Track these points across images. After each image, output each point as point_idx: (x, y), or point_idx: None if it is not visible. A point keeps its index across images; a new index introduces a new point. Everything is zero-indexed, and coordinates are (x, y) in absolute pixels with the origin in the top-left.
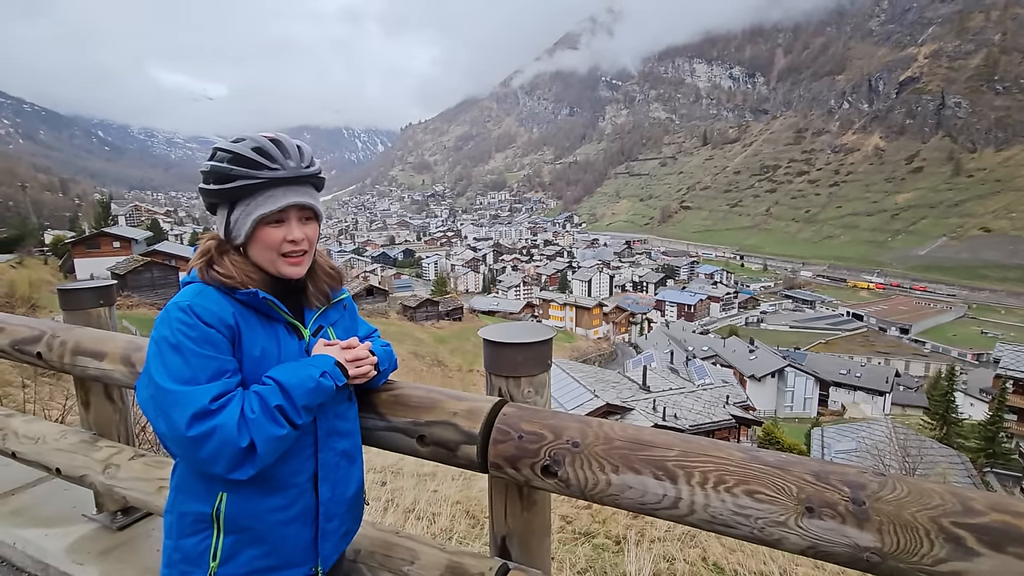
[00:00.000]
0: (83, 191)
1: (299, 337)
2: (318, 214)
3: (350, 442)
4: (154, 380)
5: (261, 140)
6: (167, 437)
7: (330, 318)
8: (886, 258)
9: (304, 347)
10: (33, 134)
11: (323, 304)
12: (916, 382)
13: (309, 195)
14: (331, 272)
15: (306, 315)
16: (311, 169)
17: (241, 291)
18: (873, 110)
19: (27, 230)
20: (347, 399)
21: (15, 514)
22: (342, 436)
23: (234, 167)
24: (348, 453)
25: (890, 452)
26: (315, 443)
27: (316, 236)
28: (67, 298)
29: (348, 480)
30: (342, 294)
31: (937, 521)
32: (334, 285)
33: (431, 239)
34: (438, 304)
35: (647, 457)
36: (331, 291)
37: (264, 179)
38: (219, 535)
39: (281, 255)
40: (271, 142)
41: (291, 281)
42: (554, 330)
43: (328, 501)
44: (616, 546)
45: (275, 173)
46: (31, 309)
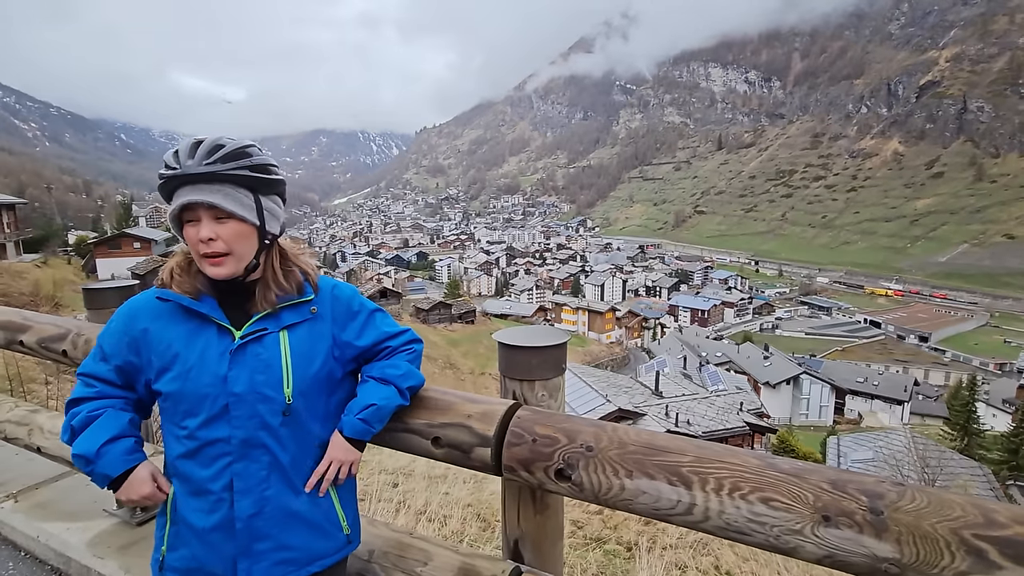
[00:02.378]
0: (106, 193)
1: (232, 338)
2: (232, 212)
3: (290, 456)
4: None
5: (183, 142)
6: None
7: (283, 320)
8: (905, 265)
9: (231, 348)
10: (59, 137)
11: (268, 306)
12: (936, 391)
13: (219, 194)
14: (286, 272)
15: (253, 317)
16: (211, 167)
17: (160, 291)
18: (892, 114)
19: (52, 230)
20: (281, 414)
21: (39, 507)
22: (274, 450)
23: (160, 171)
24: (284, 467)
25: (908, 462)
26: (232, 451)
27: (239, 236)
28: (92, 297)
29: (287, 498)
30: (306, 296)
31: (958, 533)
32: (287, 287)
33: (444, 242)
34: (451, 307)
35: (661, 462)
36: (284, 293)
37: (167, 178)
38: (167, 523)
39: (201, 256)
40: (190, 143)
41: (238, 282)
42: (568, 334)
43: (251, 517)
44: (627, 552)
45: (173, 172)
46: (55, 307)
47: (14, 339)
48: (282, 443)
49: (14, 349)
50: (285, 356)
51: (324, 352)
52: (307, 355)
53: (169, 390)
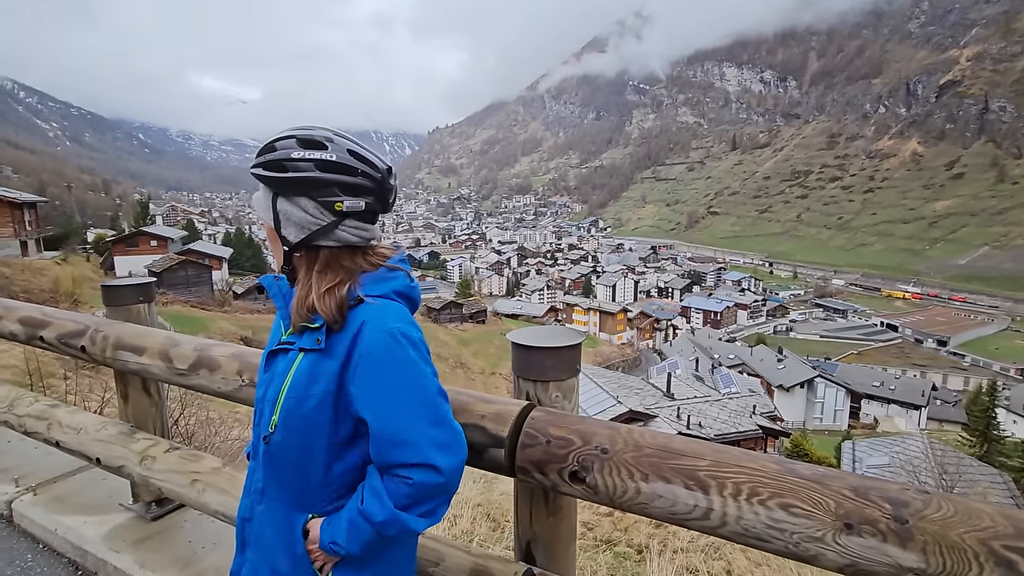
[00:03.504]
0: (124, 191)
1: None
2: (260, 216)
3: (272, 486)
4: None
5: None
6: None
7: (303, 340)
8: (923, 267)
9: (268, 350)
10: (79, 137)
11: (292, 324)
12: (954, 396)
13: (256, 195)
14: (327, 291)
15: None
16: (253, 168)
17: (265, 277)
18: (911, 114)
19: (72, 228)
20: (263, 442)
21: (57, 501)
22: (265, 468)
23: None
24: (267, 492)
25: (926, 469)
26: (252, 448)
27: (270, 238)
28: (109, 294)
29: (269, 525)
30: (315, 322)
31: (987, 544)
32: (310, 308)
33: (456, 242)
34: (462, 306)
35: (677, 466)
36: (306, 314)
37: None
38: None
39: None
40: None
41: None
42: (583, 335)
43: (244, 520)
44: (638, 555)
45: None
46: (73, 304)
47: (35, 335)
48: (269, 463)
49: (34, 344)
50: (287, 381)
51: (320, 395)
52: (302, 389)
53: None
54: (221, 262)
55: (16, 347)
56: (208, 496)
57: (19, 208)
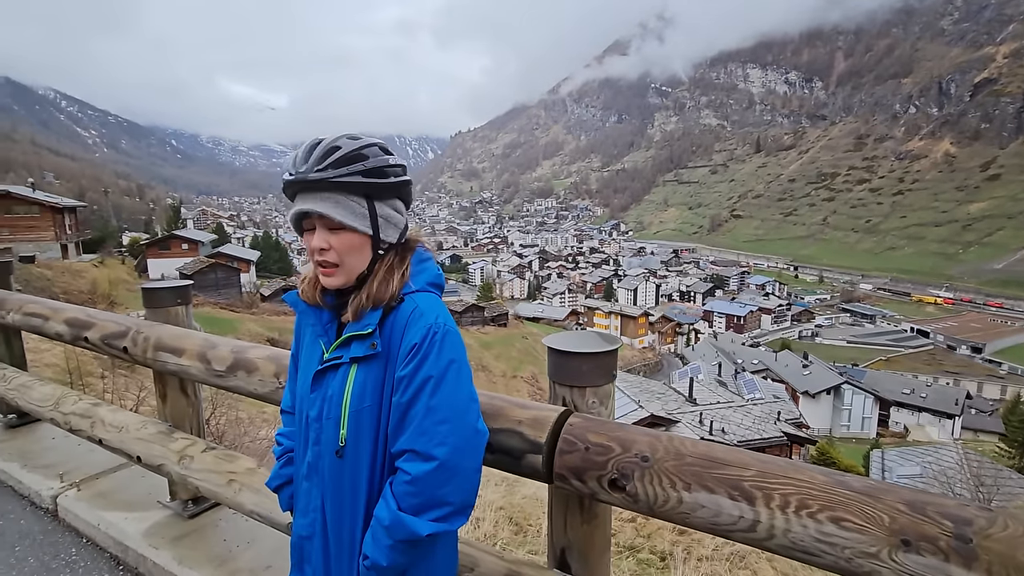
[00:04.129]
0: (157, 196)
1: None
2: (344, 224)
3: (339, 495)
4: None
5: (305, 144)
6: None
7: (351, 351)
8: (956, 271)
9: (315, 370)
10: (116, 143)
11: (352, 316)
12: (990, 405)
13: (330, 202)
14: (366, 297)
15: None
16: (322, 173)
17: (288, 295)
18: (943, 114)
19: (108, 232)
20: (334, 453)
21: (99, 496)
22: (327, 482)
23: (283, 175)
24: (331, 502)
25: (960, 480)
26: (305, 469)
27: (351, 247)
28: (149, 296)
29: (333, 531)
30: (366, 329)
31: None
32: (378, 298)
33: (478, 245)
34: (484, 310)
35: (721, 476)
36: (375, 304)
37: (285, 183)
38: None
39: (317, 264)
40: (307, 145)
41: (342, 293)
42: (620, 340)
43: (303, 539)
44: (661, 562)
45: (290, 178)
46: (109, 305)
47: (80, 335)
48: (336, 479)
49: (79, 345)
50: (347, 394)
51: (380, 397)
52: (364, 396)
53: (297, 384)
54: (249, 265)
55: (57, 346)
56: (244, 496)
57: (60, 213)
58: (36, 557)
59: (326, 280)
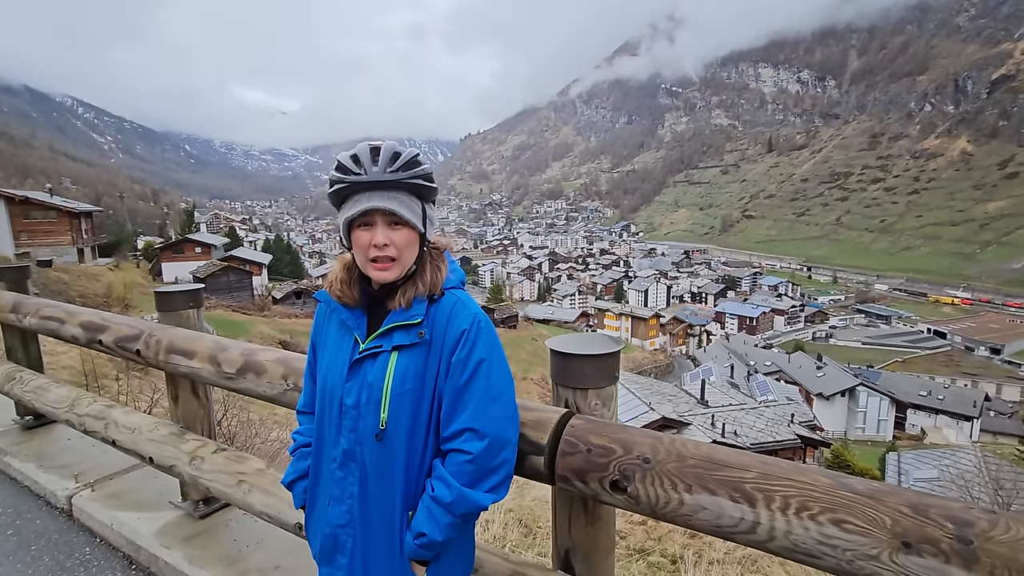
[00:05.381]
0: (171, 200)
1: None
2: (408, 220)
3: (378, 478)
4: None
5: (360, 147)
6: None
7: (394, 340)
8: (974, 271)
9: (352, 359)
10: (131, 149)
11: (404, 304)
12: (1010, 408)
13: (395, 200)
14: (421, 286)
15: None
16: (395, 175)
17: (319, 293)
18: (960, 112)
19: (123, 236)
20: (375, 437)
21: (113, 497)
22: (368, 468)
23: (335, 173)
24: (372, 488)
25: (979, 483)
26: (337, 457)
27: (408, 243)
28: (162, 300)
29: (370, 518)
30: (414, 319)
31: None
32: (423, 288)
33: (488, 247)
34: (493, 311)
35: (723, 477)
36: (423, 292)
37: (348, 183)
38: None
39: (370, 260)
40: (369, 148)
41: (383, 288)
42: (622, 342)
43: (339, 527)
44: (672, 566)
45: (358, 178)
46: (124, 308)
47: (94, 338)
48: (376, 463)
49: (93, 347)
50: (388, 379)
51: (424, 383)
52: (405, 381)
53: (318, 380)
54: (261, 268)
55: (73, 349)
56: (254, 497)
57: (76, 217)
58: (51, 556)
59: (382, 275)
